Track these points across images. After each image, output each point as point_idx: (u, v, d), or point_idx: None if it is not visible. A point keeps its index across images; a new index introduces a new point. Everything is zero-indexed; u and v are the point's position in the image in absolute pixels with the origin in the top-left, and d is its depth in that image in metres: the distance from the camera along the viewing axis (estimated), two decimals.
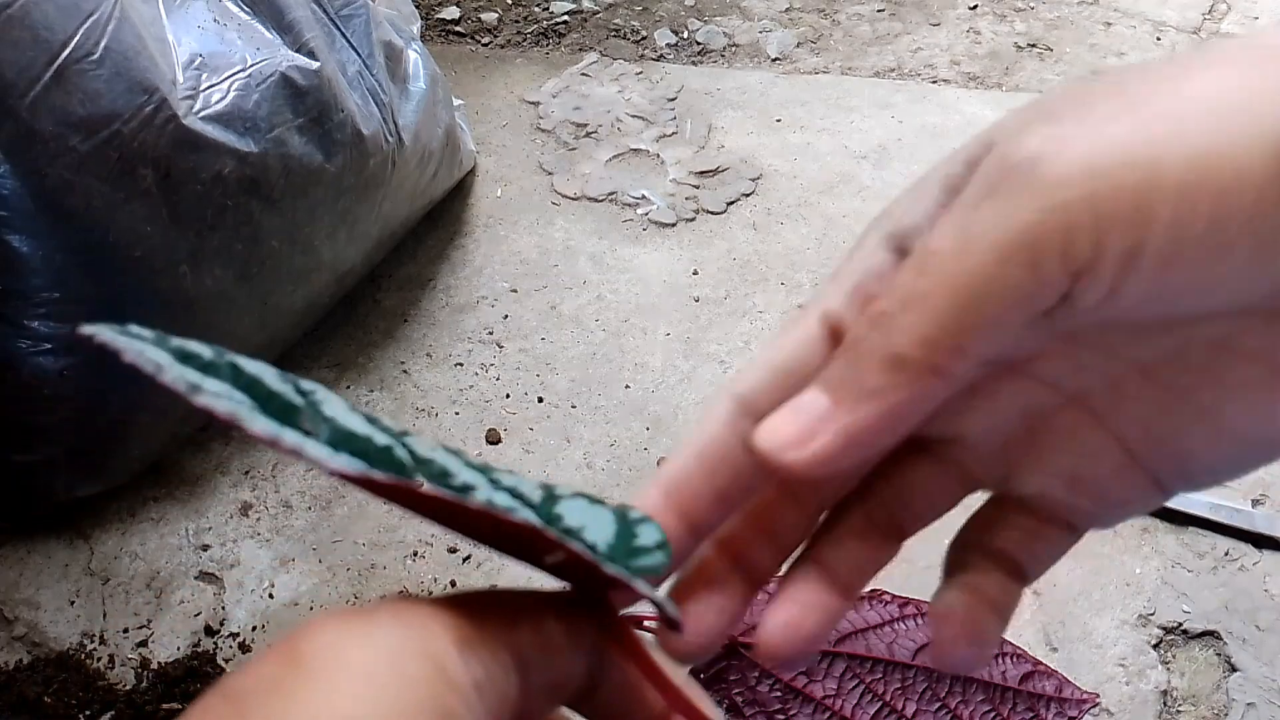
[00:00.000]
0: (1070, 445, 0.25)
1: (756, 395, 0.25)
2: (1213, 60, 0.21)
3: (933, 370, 0.22)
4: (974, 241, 0.20)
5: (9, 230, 0.75)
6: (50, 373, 0.80)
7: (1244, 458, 0.24)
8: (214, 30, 0.83)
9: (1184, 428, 0.24)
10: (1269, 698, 0.79)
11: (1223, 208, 0.19)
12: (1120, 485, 0.25)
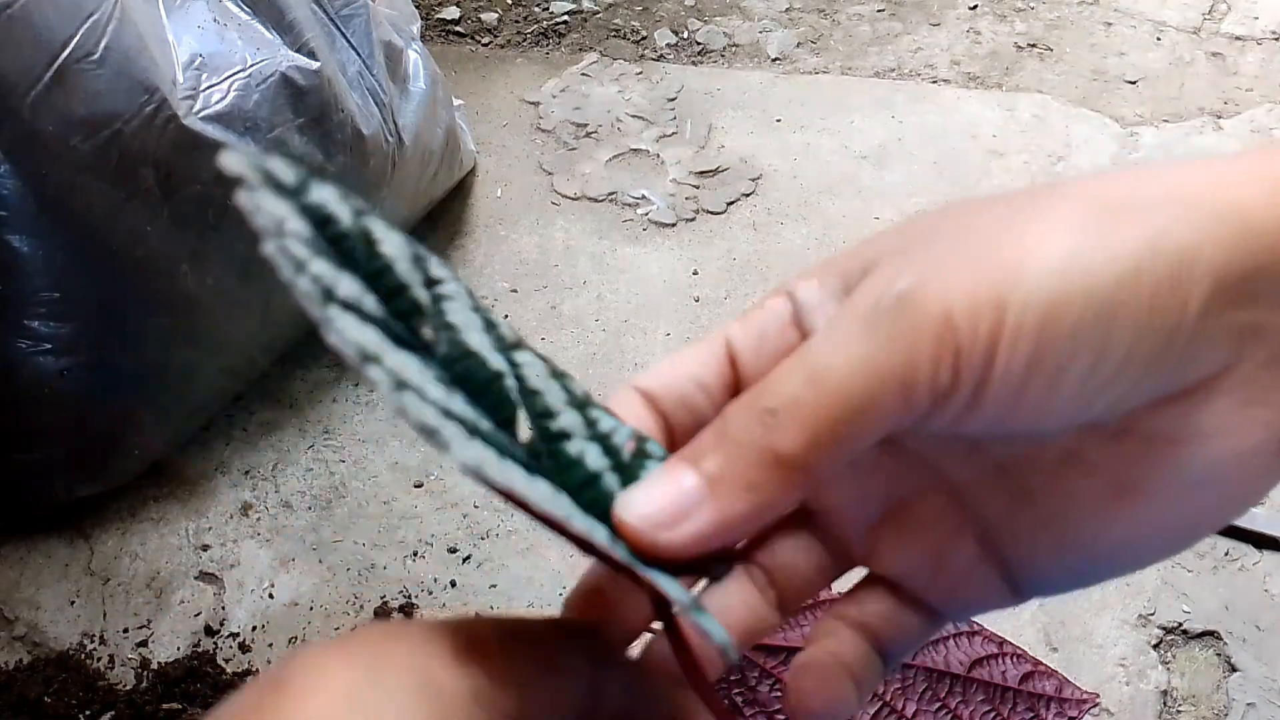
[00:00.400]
0: (931, 530, 0.27)
1: (657, 391, 0.27)
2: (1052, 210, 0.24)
3: (806, 470, 0.23)
4: (858, 365, 0.23)
5: (9, 230, 0.75)
6: (50, 373, 0.80)
7: (1084, 569, 0.26)
8: (214, 30, 0.83)
9: (1030, 531, 0.26)
10: (1269, 698, 0.79)
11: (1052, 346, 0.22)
12: (974, 580, 0.27)
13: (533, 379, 0.25)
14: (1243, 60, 1.39)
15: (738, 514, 0.24)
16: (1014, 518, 0.26)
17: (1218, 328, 0.23)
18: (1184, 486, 0.25)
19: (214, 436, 0.95)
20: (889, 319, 0.23)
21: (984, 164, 1.23)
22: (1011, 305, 0.22)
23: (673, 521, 0.24)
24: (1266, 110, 1.31)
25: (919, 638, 0.28)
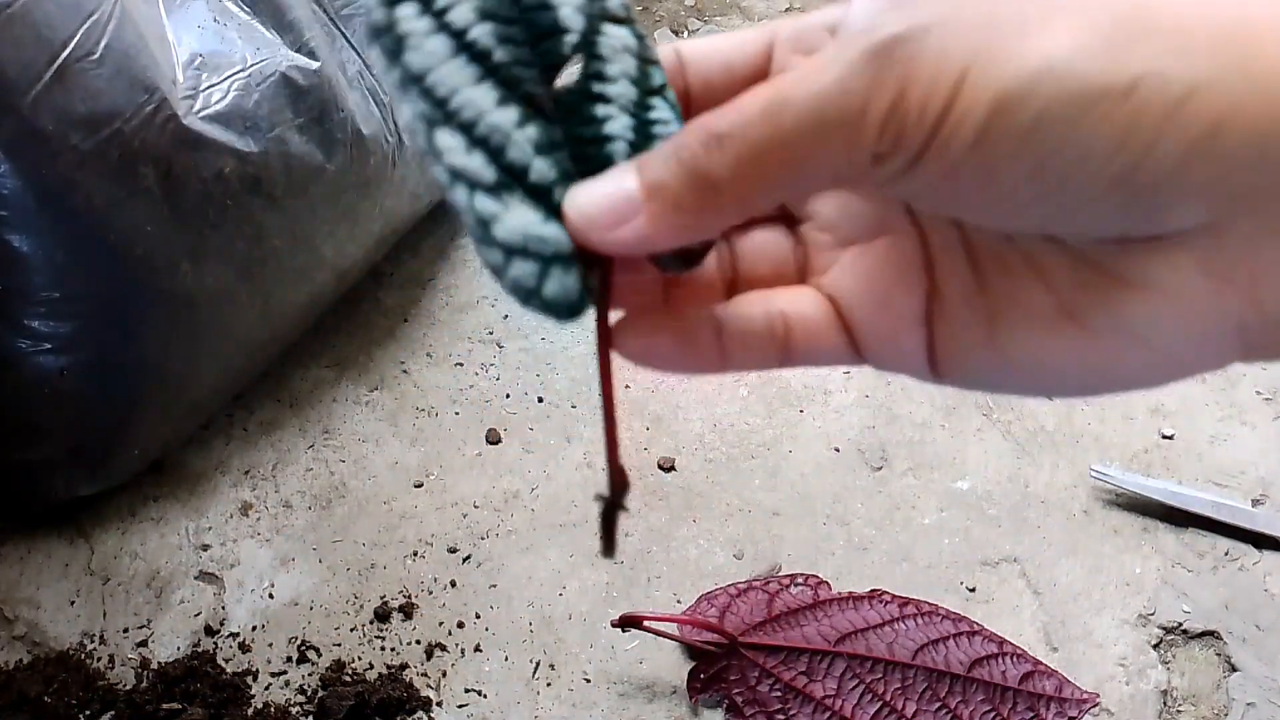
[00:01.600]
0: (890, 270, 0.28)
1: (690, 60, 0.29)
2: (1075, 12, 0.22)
3: (736, 200, 0.24)
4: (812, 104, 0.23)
5: (9, 229, 0.75)
6: (50, 372, 0.80)
7: (999, 373, 0.27)
8: (214, 30, 0.83)
9: (970, 315, 0.27)
10: (1269, 698, 0.79)
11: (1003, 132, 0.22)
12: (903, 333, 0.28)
13: (605, 47, 0.27)
14: None
15: (662, 230, 0.25)
16: (963, 298, 0.27)
17: (1202, 179, 0.21)
18: (1120, 332, 0.24)
19: (214, 435, 0.95)
20: (861, 64, 0.22)
21: None
22: (974, 79, 0.22)
23: (606, 224, 0.25)
24: None
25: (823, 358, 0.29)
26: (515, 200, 0.26)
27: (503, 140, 0.26)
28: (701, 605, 0.80)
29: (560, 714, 0.78)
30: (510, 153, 0.26)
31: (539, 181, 0.26)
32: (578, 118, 0.26)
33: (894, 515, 0.89)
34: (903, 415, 0.98)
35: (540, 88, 0.26)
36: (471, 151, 0.25)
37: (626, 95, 0.27)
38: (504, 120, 0.26)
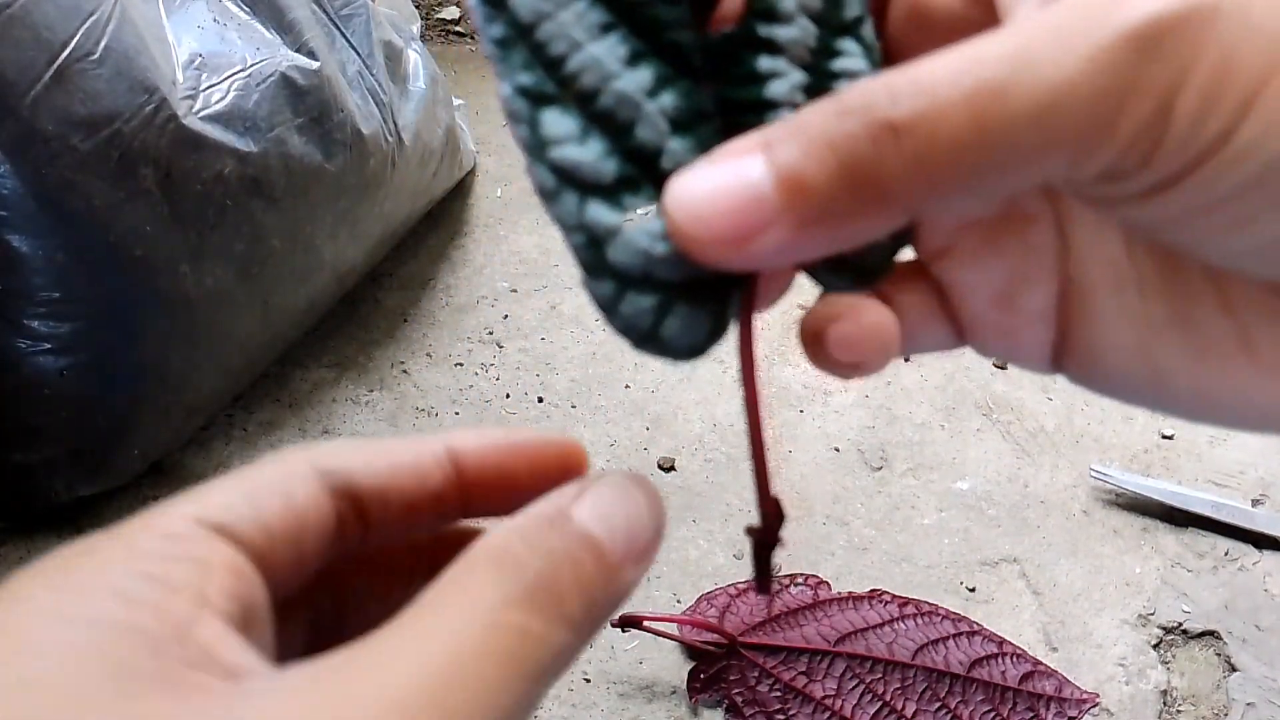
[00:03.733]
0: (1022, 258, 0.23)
1: None
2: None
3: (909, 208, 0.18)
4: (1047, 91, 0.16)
5: (9, 230, 0.75)
6: (50, 372, 0.80)
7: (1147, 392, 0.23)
8: (214, 30, 0.83)
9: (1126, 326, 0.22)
10: (1269, 698, 0.79)
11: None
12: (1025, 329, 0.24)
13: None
14: None
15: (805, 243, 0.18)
16: (1114, 298, 0.22)
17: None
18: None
19: (214, 436, 0.95)
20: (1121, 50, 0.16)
21: None
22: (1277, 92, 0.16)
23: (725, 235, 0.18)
24: None
25: (928, 347, 0.25)
26: (641, 203, 0.20)
27: (631, 114, 0.19)
28: (701, 605, 0.80)
29: (560, 714, 0.78)
30: (640, 131, 0.19)
31: (674, 169, 0.19)
32: (734, 74, 0.20)
33: (894, 516, 0.89)
34: (902, 416, 0.98)
35: (688, 32, 0.20)
36: (588, 136, 0.20)
37: (803, 39, 0.20)
38: (634, 85, 0.19)
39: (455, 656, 0.18)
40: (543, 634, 0.19)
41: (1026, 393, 0.99)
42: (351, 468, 0.23)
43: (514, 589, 0.19)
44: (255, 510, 0.21)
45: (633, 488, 0.22)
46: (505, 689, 0.18)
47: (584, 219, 0.20)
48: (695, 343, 0.20)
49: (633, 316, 0.20)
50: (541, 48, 0.19)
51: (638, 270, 0.19)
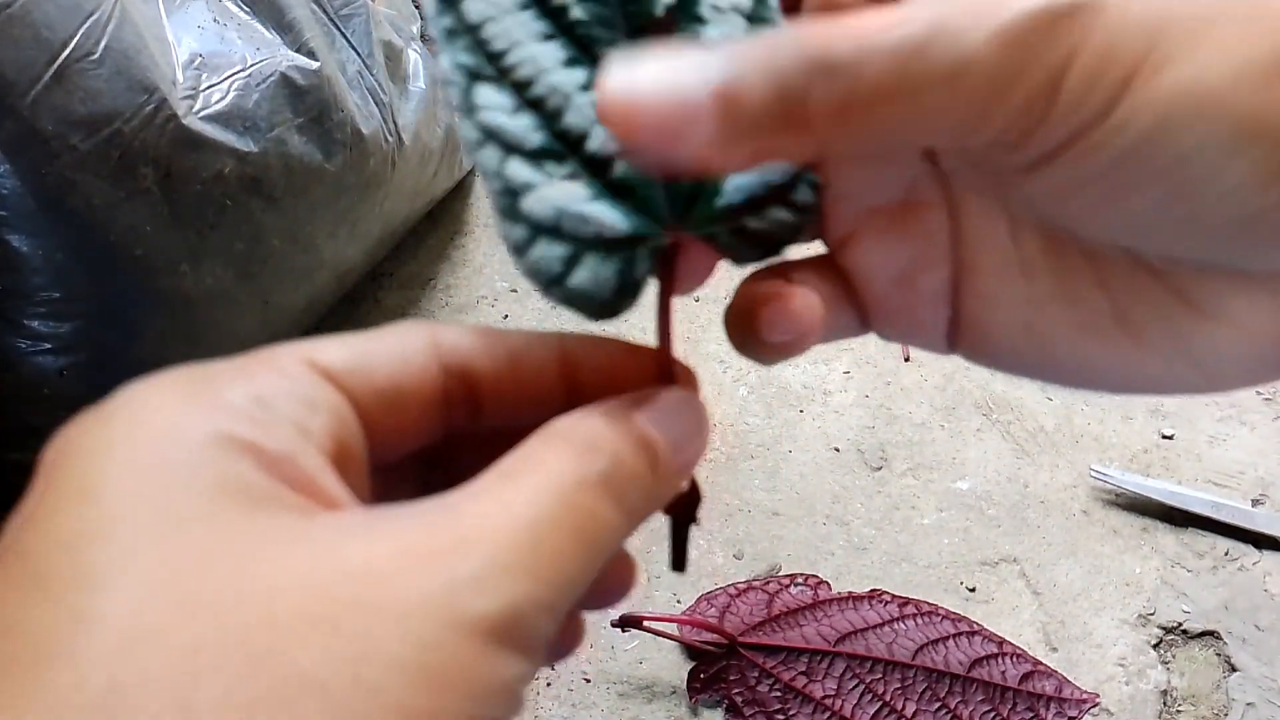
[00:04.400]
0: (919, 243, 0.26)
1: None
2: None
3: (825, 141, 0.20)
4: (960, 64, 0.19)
5: (9, 229, 0.75)
6: (50, 372, 0.80)
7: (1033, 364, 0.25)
8: (214, 30, 0.83)
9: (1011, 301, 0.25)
10: (1269, 698, 0.79)
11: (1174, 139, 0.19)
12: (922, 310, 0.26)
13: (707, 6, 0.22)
14: None
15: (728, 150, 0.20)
16: (1002, 280, 0.25)
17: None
18: (1178, 353, 0.23)
19: None
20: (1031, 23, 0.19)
21: None
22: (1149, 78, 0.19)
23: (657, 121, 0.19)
24: None
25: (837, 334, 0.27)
26: (561, 173, 0.22)
27: (561, 103, 0.22)
28: (701, 605, 0.80)
29: (560, 714, 0.78)
30: (569, 117, 0.22)
31: (598, 152, 0.22)
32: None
33: (893, 515, 0.89)
34: (902, 415, 0.98)
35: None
36: (519, 113, 0.22)
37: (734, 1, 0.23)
38: (566, 81, 0.22)
39: (534, 523, 0.19)
40: (608, 518, 0.21)
41: (1026, 393, 0.99)
42: (469, 349, 0.24)
43: (589, 472, 0.21)
44: (364, 365, 0.23)
45: (687, 407, 0.24)
46: (575, 559, 0.20)
47: (502, 170, 0.22)
48: (602, 296, 0.23)
49: (541, 261, 0.23)
50: (485, 42, 0.22)
51: (550, 221, 0.22)
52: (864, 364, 1.02)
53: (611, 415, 0.22)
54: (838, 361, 1.02)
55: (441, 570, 0.18)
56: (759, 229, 0.23)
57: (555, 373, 0.26)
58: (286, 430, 0.20)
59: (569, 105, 0.22)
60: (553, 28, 0.22)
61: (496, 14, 0.22)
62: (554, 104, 0.22)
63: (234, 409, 0.20)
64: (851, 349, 1.03)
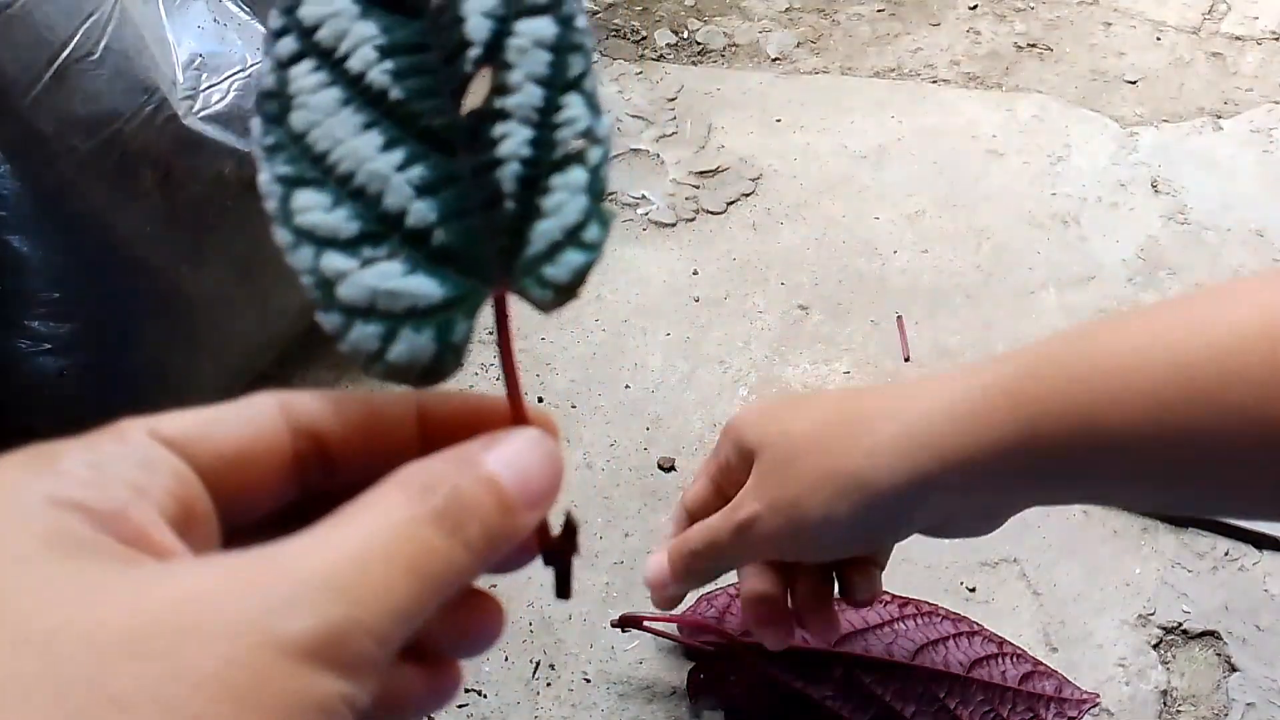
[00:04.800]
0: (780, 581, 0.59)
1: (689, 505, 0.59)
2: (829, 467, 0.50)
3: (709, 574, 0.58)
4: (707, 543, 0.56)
5: (9, 230, 0.75)
6: (50, 373, 0.80)
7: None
8: (214, 30, 0.83)
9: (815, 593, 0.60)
10: (1269, 698, 0.79)
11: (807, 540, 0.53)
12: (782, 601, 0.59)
13: (513, 50, 0.25)
14: (1242, 60, 1.40)
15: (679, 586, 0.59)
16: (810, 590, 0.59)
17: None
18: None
19: None
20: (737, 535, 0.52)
21: (983, 164, 1.23)
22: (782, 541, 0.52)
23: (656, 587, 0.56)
24: (1266, 110, 1.31)
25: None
26: (380, 253, 0.24)
27: (380, 186, 0.24)
28: (701, 605, 0.80)
29: (560, 714, 0.78)
30: (387, 199, 0.24)
31: (417, 225, 0.24)
32: (478, 143, 0.25)
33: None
34: None
35: (444, 117, 0.24)
36: (337, 207, 0.24)
37: (529, 102, 0.25)
38: (384, 165, 0.24)
39: (361, 555, 0.21)
40: (443, 551, 0.22)
41: None
42: (317, 412, 0.26)
43: (421, 509, 0.22)
44: (206, 432, 0.24)
45: (538, 446, 0.26)
46: (405, 588, 0.21)
47: (316, 265, 0.24)
48: (421, 365, 0.25)
49: (359, 342, 0.24)
50: (309, 148, 0.24)
51: (364, 303, 0.24)
52: (864, 364, 1.02)
53: (453, 457, 0.24)
54: (838, 362, 1.02)
55: (256, 594, 0.19)
56: (555, 277, 0.25)
57: (410, 429, 0.27)
58: (118, 489, 0.21)
59: (388, 187, 0.24)
60: (373, 115, 0.24)
61: (320, 118, 0.24)
62: (374, 189, 0.24)
63: (66, 474, 0.21)
64: (852, 349, 1.03)
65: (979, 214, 1.17)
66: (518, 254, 0.25)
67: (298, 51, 0.24)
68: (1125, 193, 1.20)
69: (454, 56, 0.24)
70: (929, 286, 1.09)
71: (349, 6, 0.24)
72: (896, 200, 1.19)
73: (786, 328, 1.06)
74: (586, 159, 0.25)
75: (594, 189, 0.25)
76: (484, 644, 0.28)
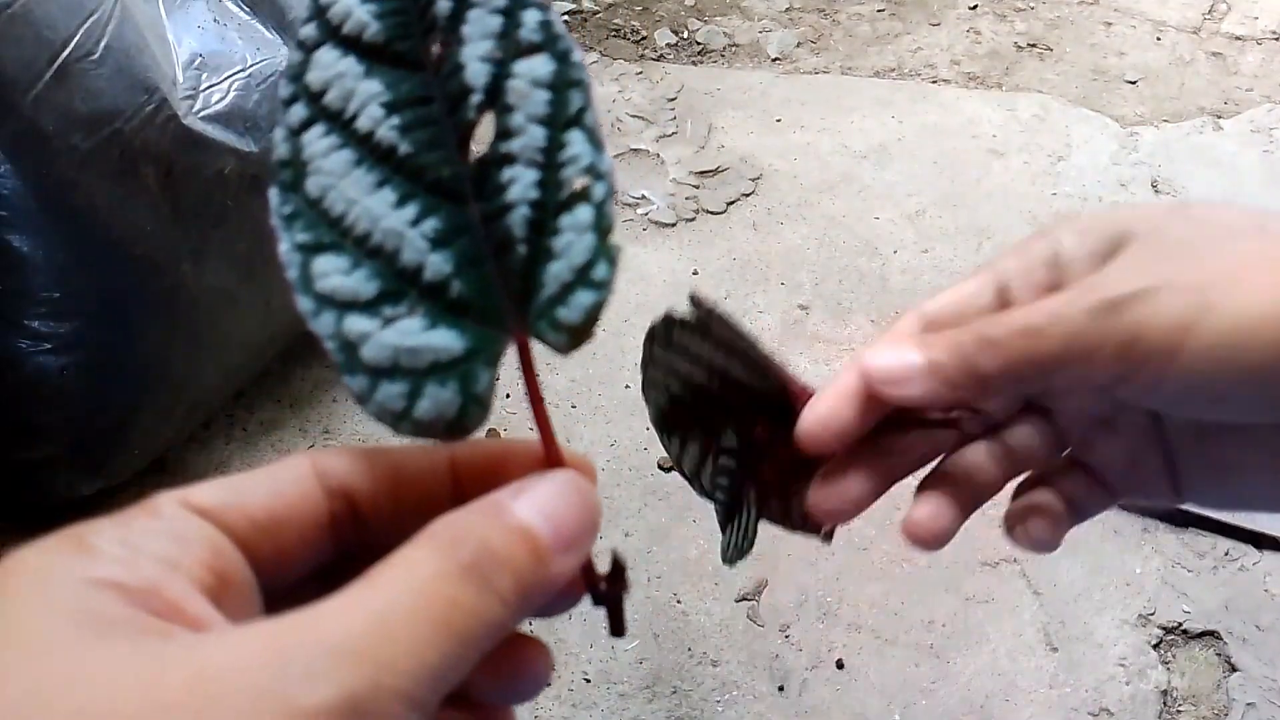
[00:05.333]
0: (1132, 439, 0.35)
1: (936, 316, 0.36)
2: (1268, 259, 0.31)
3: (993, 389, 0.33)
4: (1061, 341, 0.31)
5: (10, 229, 0.75)
6: (51, 371, 0.80)
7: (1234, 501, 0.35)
8: (214, 30, 0.83)
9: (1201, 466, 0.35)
10: (1269, 698, 0.79)
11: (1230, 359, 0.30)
12: (1151, 480, 0.35)
13: (513, 93, 0.25)
14: (1243, 60, 1.39)
15: (939, 396, 0.33)
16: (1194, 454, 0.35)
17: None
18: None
19: (214, 435, 0.95)
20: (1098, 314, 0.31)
21: (984, 163, 1.23)
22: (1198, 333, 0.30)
23: (897, 381, 0.33)
24: (1266, 110, 1.31)
25: (1098, 510, 0.37)
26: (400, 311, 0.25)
27: (396, 243, 0.25)
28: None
29: (560, 714, 0.78)
30: (404, 255, 0.25)
31: (434, 278, 0.25)
32: (486, 190, 0.25)
33: (894, 515, 0.89)
34: None
35: (451, 167, 0.25)
36: (356, 269, 0.25)
37: (533, 144, 0.25)
38: (399, 221, 0.25)
39: (387, 616, 0.21)
40: (472, 605, 0.22)
41: None
42: (348, 471, 0.26)
43: (448, 565, 0.22)
44: (238, 500, 0.24)
45: (570, 489, 0.25)
46: (433, 647, 0.21)
47: (339, 329, 0.24)
48: (448, 418, 0.24)
49: (386, 401, 0.24)
50: (326, 212, 0.25)
51: (387, 362, 0.24)
52: None
53: (483, 507, 0.23)
54: (838, 362, 1.02)
55: (277, 664, 0.19)
56: (567, 319, 0.25)
57: (443, 480, 0.27)
58: (151, 565, 0.22)
59: (404, 243, 0.25)
60: (384, 172, 0.25)
61: (334, 181, 0.25)
62: (391, 246, 0.25)
63: (100, 554, 0.22)
64: (852, 349, 1.03)
65: (980, 213, 1.17)
66: (531, 298, 0.25)
67: (308, 118, 0.25)
68: (1126, 192, 1.20)
69: (456, 105, 0.25)
70: (930, 286, 1.09)
71: (353, 67, 0.25)
72: (897, 200, 1.19)
73: (787, 327, 1.06)
74: (591, 195, 0.25)
75: (600, 225, 0.25)
76: (532, 689, 0.27)
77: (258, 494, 0.24)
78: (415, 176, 0.25)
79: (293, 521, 0.25)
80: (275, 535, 0.24)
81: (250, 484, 0.25)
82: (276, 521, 0.24)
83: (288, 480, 0.25)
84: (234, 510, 0.24)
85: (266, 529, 0.24)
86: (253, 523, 0.24)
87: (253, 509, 0.24)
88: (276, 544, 0.24)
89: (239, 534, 0.24)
